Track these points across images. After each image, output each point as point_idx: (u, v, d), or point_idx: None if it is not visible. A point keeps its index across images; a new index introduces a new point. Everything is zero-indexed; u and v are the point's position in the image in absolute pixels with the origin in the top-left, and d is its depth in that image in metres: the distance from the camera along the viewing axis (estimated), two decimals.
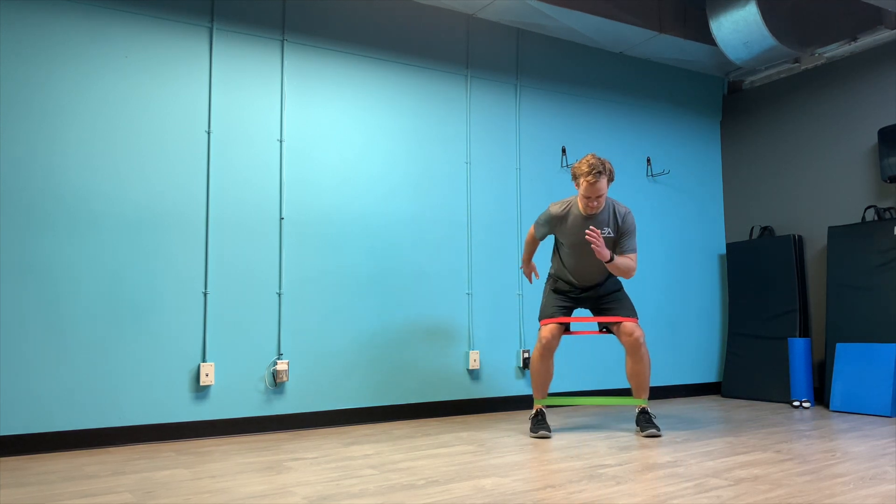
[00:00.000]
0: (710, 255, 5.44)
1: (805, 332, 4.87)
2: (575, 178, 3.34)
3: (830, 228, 4.70)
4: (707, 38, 4.89)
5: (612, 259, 3.33)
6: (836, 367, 4.40)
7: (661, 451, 3.00)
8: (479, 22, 4.54)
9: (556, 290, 3.62)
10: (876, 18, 4.64)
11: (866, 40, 4.70)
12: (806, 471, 2.59)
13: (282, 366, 3.71)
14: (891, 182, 4.44)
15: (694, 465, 2.71)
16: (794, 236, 4.95)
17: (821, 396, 4.73)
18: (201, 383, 3.52)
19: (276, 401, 3.72)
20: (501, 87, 4.62)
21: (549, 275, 3.71)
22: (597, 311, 3.61)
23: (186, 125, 3.62)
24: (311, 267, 3.88)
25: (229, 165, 3.71)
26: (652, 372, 5.01)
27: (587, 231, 3.27)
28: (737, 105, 5.56)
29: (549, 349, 3.42)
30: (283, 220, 3.81)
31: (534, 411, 3.51)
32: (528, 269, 3.83)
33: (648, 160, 5.20)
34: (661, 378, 5.07)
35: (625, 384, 4.88)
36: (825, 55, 4.93)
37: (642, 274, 5.05)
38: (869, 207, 4.56)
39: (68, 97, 3.35)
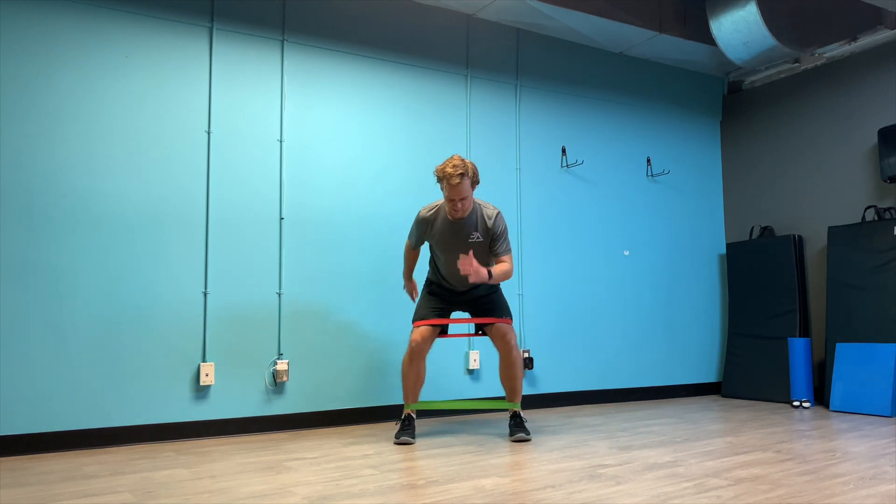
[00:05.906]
0: (709, 255, 5.44)
1: (805, 332, 4.87)
2: (439, 180, 3.21)
3: (830, 228, 4.70)
4: (707, 38, 4.89)
5: (490, 275, 3.20)
6: (836, 367, 4.41)
7: (661, 451, 3.00)
8: (479, 22, 4.54)
9: (431, 293, 3.51)
10: (876, 18, 4.65)
11: (866, 40, 4.70)
12: (806, 471, 2.59)
13: (282, 366, 3.71)
14: (891, 182, 4.44)
15: (694, 465, 2.71)
16: (794, 236, 4.95)
17: (821, 396, 4.73)
18: (201, 383, 3.52)
19: (276, 401, 3.72)
20: (501, 87, 4.62)
21: (427, 278, 3.60)
22: (473, 313, 3.52)
23: (186, 125, 3.62)
24: (311, 267, 3.88)
25: (229, 165, 3.71)
26: (652, 371, 5.03)
27: (459, 261, 3.14)
28: (737, 105, 5.56)
29: (419, 352, 3.31)
30: (283, 221, 3.81)
31: (402, 416, 3.39)
32: (408, 285, 3.74)
33: (648, 160, 5.20)
34: (661, 378, 5.07)
35: (624, 384, 4.89)
36: (825, 55, 4.93)
37: (642, 273, 5.05)
38: (869, 207, 4.56)
39: (68, 97, 3.35)
